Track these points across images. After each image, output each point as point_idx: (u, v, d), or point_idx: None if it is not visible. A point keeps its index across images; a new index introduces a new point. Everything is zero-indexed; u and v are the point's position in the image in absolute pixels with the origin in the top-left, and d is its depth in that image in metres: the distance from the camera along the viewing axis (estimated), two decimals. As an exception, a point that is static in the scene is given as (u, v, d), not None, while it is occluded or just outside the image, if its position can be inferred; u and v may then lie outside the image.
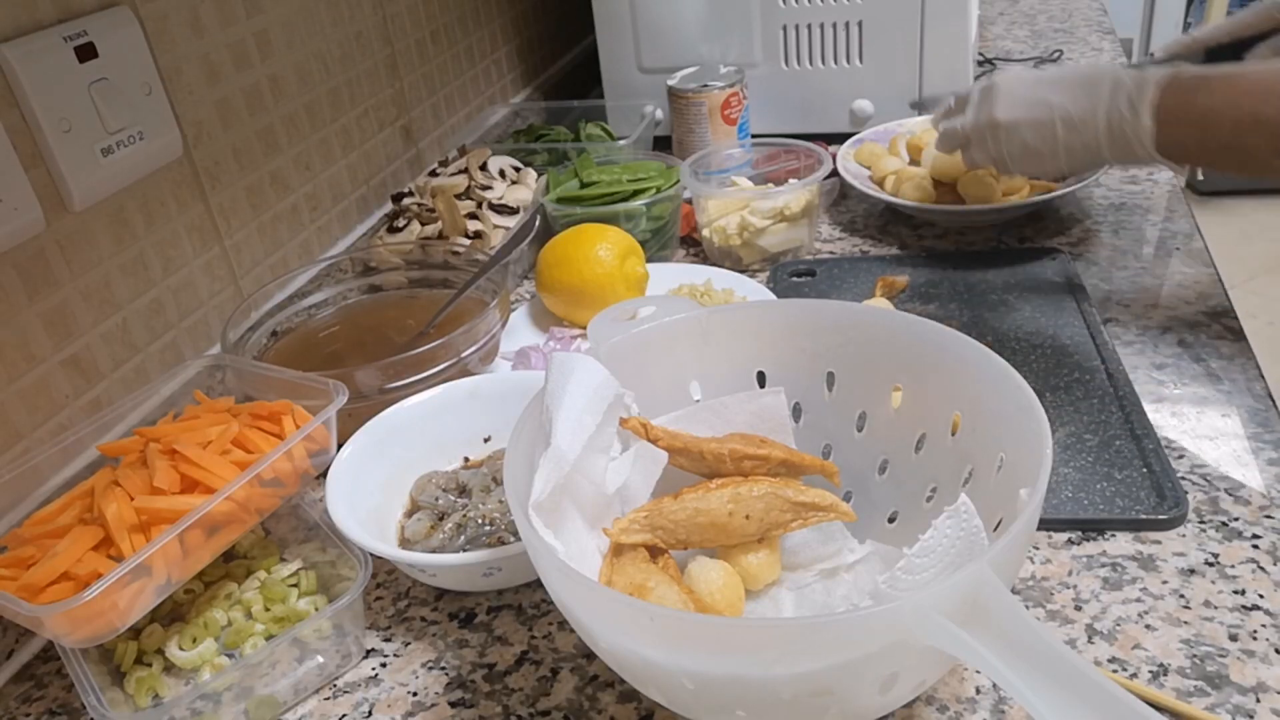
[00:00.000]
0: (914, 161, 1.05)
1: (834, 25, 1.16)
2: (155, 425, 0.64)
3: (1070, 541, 0.61)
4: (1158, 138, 0.72)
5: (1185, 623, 0.55)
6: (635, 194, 0.98)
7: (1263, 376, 0.73)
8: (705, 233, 0.99)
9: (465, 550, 0.62)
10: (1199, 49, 0.85)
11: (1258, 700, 0.50)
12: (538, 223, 0.94)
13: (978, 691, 0.53)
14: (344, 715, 0.57)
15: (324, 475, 0.64)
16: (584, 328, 0.85)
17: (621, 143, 1.12)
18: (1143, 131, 0.72)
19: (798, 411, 0.61)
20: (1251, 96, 0.68)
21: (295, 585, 0.63)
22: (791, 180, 0.98)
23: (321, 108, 0.99)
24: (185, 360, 0.81)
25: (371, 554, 0.59)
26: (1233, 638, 0.54)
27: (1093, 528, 0.61)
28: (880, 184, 1.03)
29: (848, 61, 1.17)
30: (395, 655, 0.61)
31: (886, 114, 1.17)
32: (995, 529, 0.47)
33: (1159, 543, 0.60)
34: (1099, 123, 0.74)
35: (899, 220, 1.04)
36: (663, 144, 1.21)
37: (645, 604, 0.46)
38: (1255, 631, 0.54)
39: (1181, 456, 0.66)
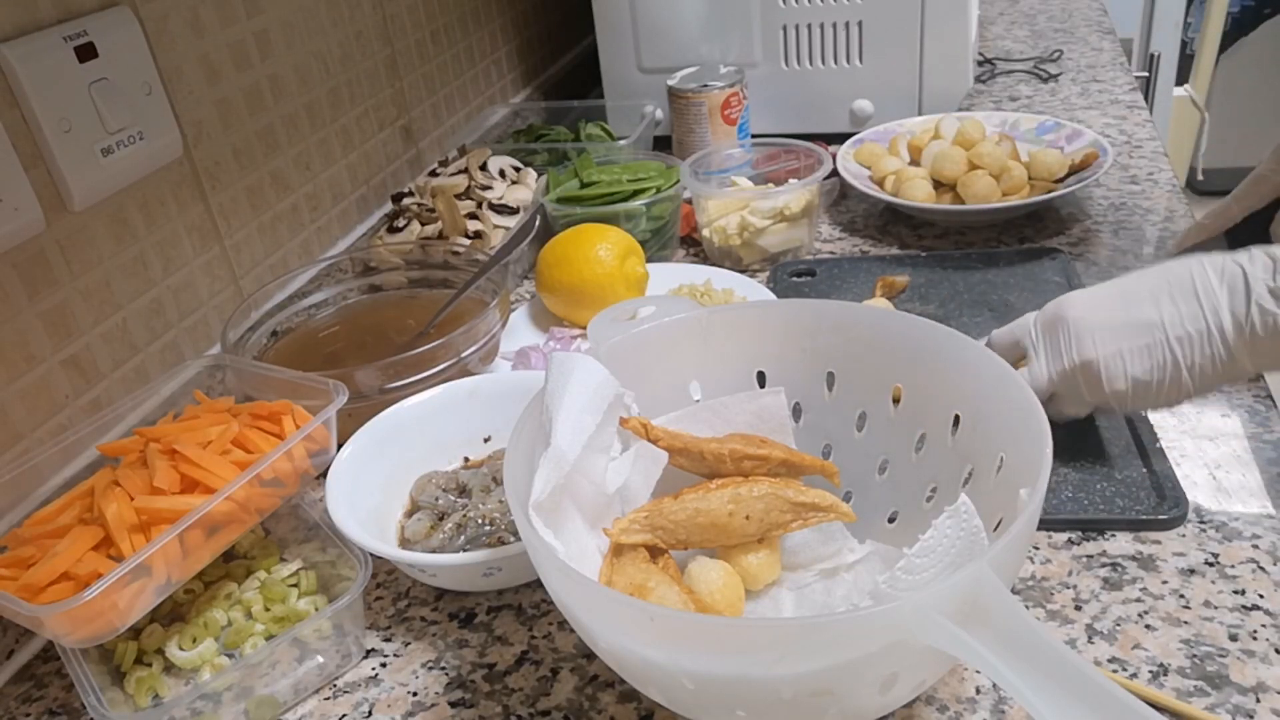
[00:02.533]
0: (914, 161, 1.05)
1: (834, 25, 1.16)
2: (155, 425, 0.64)
3: (1070, 541, 0.61)
4: None
5: (1185, 623, 0.55)
6: (635, 194, 0.98)
7: (1263, 376, 0.73)
8: (705, 233, 0.99)
9: (465, 550, 0.62)
10: (1218, 234, 0.72)
11: (1258, 700, 0.50)
12: (538, 223, 0.94)
13: (978, 691, 0.53)
14: (344, 715, 0.57)
15: (324, 475, 0.64)
16: (584, 328, 0.85)
17: (621, 143, 1.12)
18: None
19: (798, 411, 0.61)
20: None
21: (295, 585, 0.63)
22: (791, 180, 0.98)
23: (321, 108, 0.99)
24: (185, 360, 0.81)
25: (371, 554, 0.59)
26: (1233, 638, 0.54)
27: (1093, 528, 0.61)
28: (880, 184, 1.03)
29: (848, 61, 1.17)
30: (395, 655, 0.61)
31: (886, 114, 1.17)
32: (995, 529, 0.47)
33: (1159, 543, 0.60)
34: (1225, 326, 0.57)
35: (899, 220, 1.04)
36: (663, 144, 1.21)
37: (645, 604, 0.46)
38: (1255, 631, 0.54)
39: (1181, 456, 0.66)
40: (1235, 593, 0.56)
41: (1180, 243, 0.76)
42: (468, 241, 0.95)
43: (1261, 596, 0.56)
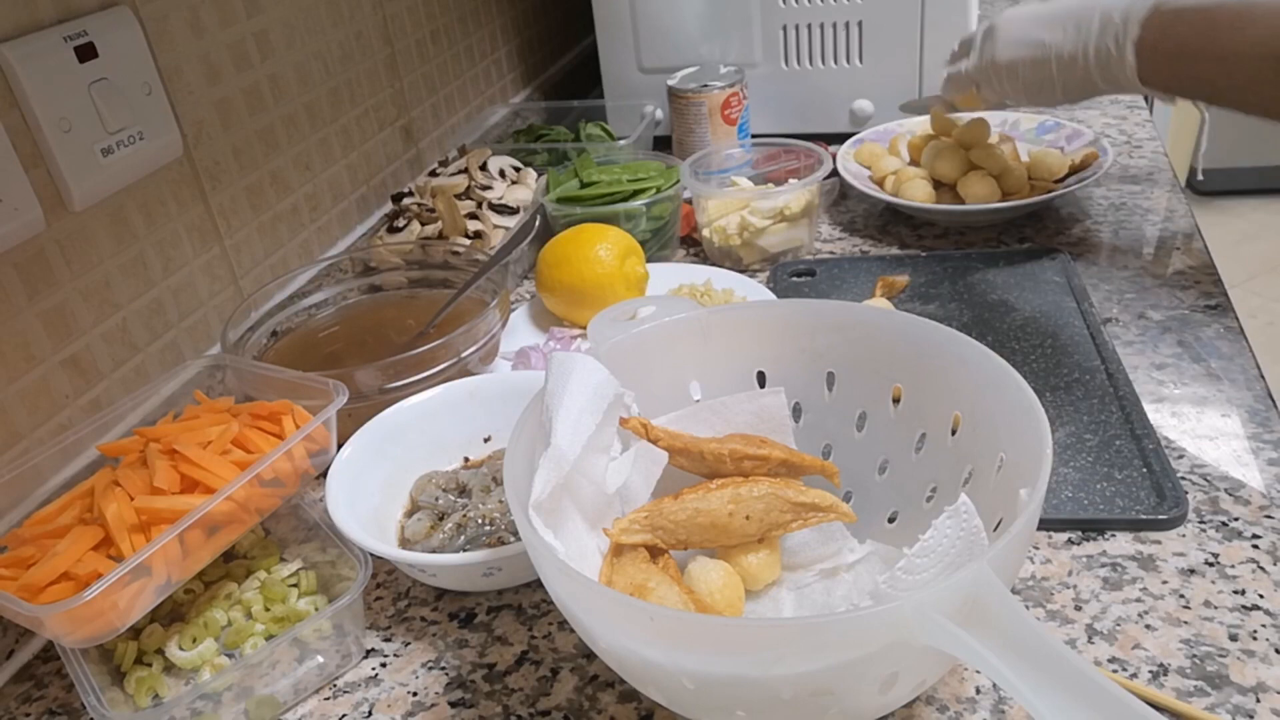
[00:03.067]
0: (914, 161, 1.05)
1: (834, 25, 1.16)
2: (155, 425, 0.64)
3: (1070, 541, 0.61)
4: (1140, 72, 0.76)
5: (1185, 623, 0.55)
6: (635, 194, 0.98)
7: (1263, 377, 0.73)
8: (705, 233, 0.99)
9: (465, 550, 0.62)
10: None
11: (1258, 700, 0.50)
12: (538, 223, 0.94)
13: (978, 691, 0.53)
14: (344, 715, 0.57)
15: (324, 475, 0.64)
16: (584, 328, 0.85)
17: (621, 143, 1.12)
18: (1127, 67, 0.76)
19: (798, 411, 0.61)
20: (1224, 30, 0.70)
21: (295, 585, 0.63)
22: (791, 180, 0.98)
23: (321, 108, 0.99)
24: (185, 360, 0.81)
25: (371, 554, 0.59)
26: (1233, 638, 0.54)
27: (1093, 528, 0.62)
28: (880, 184, 1.03)
29: (848, 61, 1.17)
30: (395, 655, 0.61)
31: (886, 114, 1.17)
32: (995, 529, 0.47)
33: (1159, 543, 0.60)
34: (1090, 59, 0.79)
35: (899, 220, 1.04)
36: (663, 144, 1.21)
37: (645, 604, 0.46)
38: (1255, 631, 0.54)
39: (1181, 456, 0.66)
40: (1235, 593, 0.56)
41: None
42: (468, 241, 0.95)
43: (1261, 596, 0.56)
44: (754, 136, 1.17)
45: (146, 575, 0.54)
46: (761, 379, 0.61)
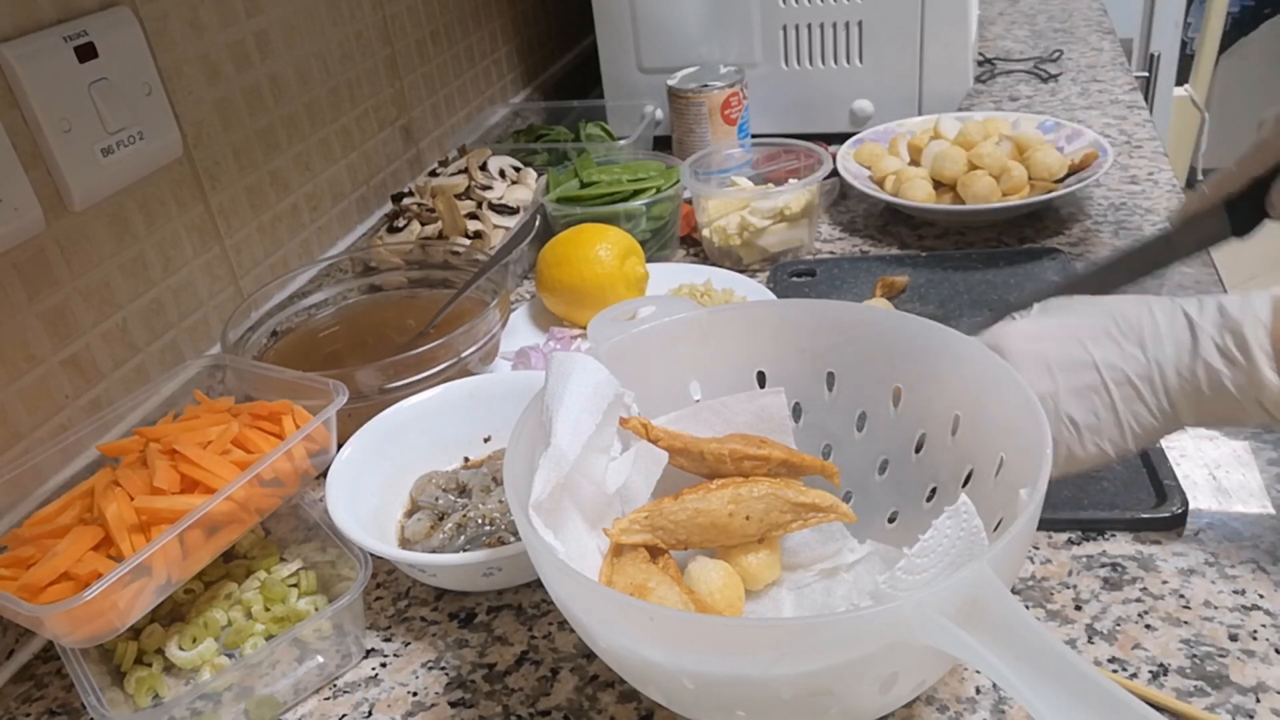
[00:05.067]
0: (914, 161, 1.05)
1: (834, 25, 1.15)
2: (155, 425, 0.64)
3: (1070, 541, 0.61)
4: None
5: (1185, 623, 0.55)
6: (635, 194, 0.98)
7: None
8: (705, 233, 0.99)
9: (465, 550, 0.62)
10: (1218, 202, 0.69)
11: (1258, 700, 0.50)
12: (538, 223, 0.94)
13: (978, 691, 0.53)
14: (344, 715, 0.57)
15: (324, 475, 0.64)
16: (584, 328, 0.85)
17: (621, 143, 1.12)
18: (1262, 387, 0.51)
19: (798, 411, 0.61)
20: None
21: (295, 585, 0.63)
22: (791, 180, 0.98)
23: (321, 108, 0.99)
24: (185, 360, 0.81)
25: (371, 554, 0.59)
26: (1233, 638, 0.54)
27: (1093, 528, 0.61)
28: (880, 184, 1.03)
29: (848, 61, 1.17)
30: (395, 655, 0.61)
31: (886, 114, 1.17)
32: (995, 529, 0.47)
33: (1159, 543, 0.60)
34: (1169, 378, 0.53)
35: (899, 220, 1.04)
36: (663, 144, 1.21)
37: (645, 604, 0.46)
38: (1255, 631, 0.54)
39: (1181, 456, 0.66)
40: (1235, 593, 0.56)
41: (1182, 210, 0.71)
42: (468, 241, 0.95)
43: (1261, 596, 0.56)
44: (754, 136, 1.17)
45: (146, 575, 0.54)
46: (761, 379, 0.61)
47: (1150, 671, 0.52)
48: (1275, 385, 0.50)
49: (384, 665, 0.60)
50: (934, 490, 0.56)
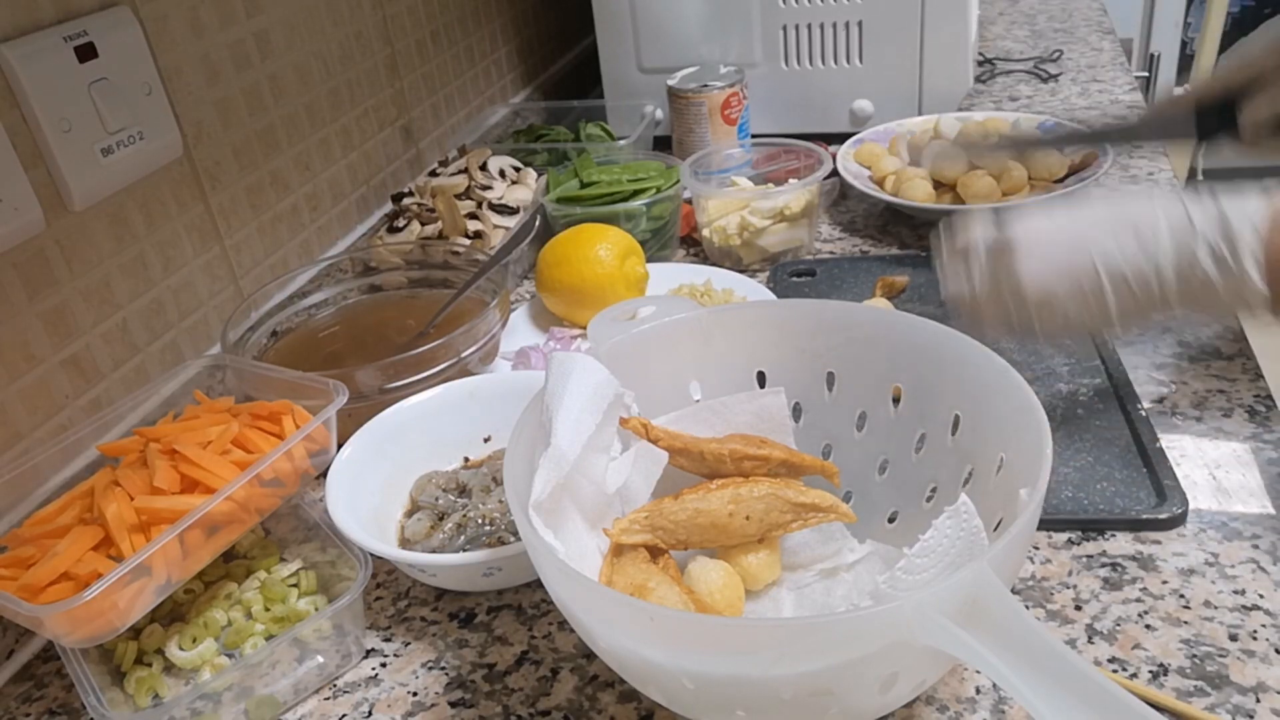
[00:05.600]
0: (914, 161, 1.05)
1: (834, 25, 1.16)
2: (155, 425, 0.64)
3: (1070, 541, 0.61)
4: (1274, 298, 0.55)
5: (1185, 623, 0.55)
6: (635, 194, 0.98)
7: (1263, 376, 0.73)
8: (705, 233, 0.99)
9: (465, 550, 0.62)
10: (1190, 102, 0.71)
11: (1258, 700, 0.50)
12: (538, 223, 0.94)
13: (978, 691, 0.53)
14: (344, 715, 0.57)
15: (324, 475, 0.64)
16: (584, 328, 0.85)
17: (621, 143, 1.12)
18: (1249, 294, 0.55)
19: (798, 411, 0.61)
20: None
21: (295, 585, 0.63)
22: (791, 180, 0.98)
23: (321, 108, 0.99)
24: (185, 360, 0.81)
25: (371, 554, 0.59)
26: (1233, 638, 0.54)
27: (1093, 528, 0.62)
28: (880, 184, 1.03)
29: (848, 61, 1.17)
30: (395, 655, 0.61)
31: (886, 114, 1.17)
32: (995, 529, 0.47)
33: (1159, 543, 0.60)
34: (1167, 278, 0.57)
35: (899, 220, 1.04)
36: (663, 144, 1.21)
37: (645, 604, 0.46)
38: (1255, 631, 0.54)
39: (1181, 456, 0.66)
40: (1235, 593, 0.56)
41: (1155, 108, 0.76)
42: (468, 241, 0.95)
43: (1261, 596, 0.56)
44: (754, 136, 1.17)
45: (146, 575, 0.54)
46: (761, 379, 0.61)
47: (1150, 671, 0.52)
48: (1261, 293, 0.54)
49: (384, 665, 0.60)
50: (934, 490, 0.56)
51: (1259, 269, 0.54)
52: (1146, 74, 2.33)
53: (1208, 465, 0.65)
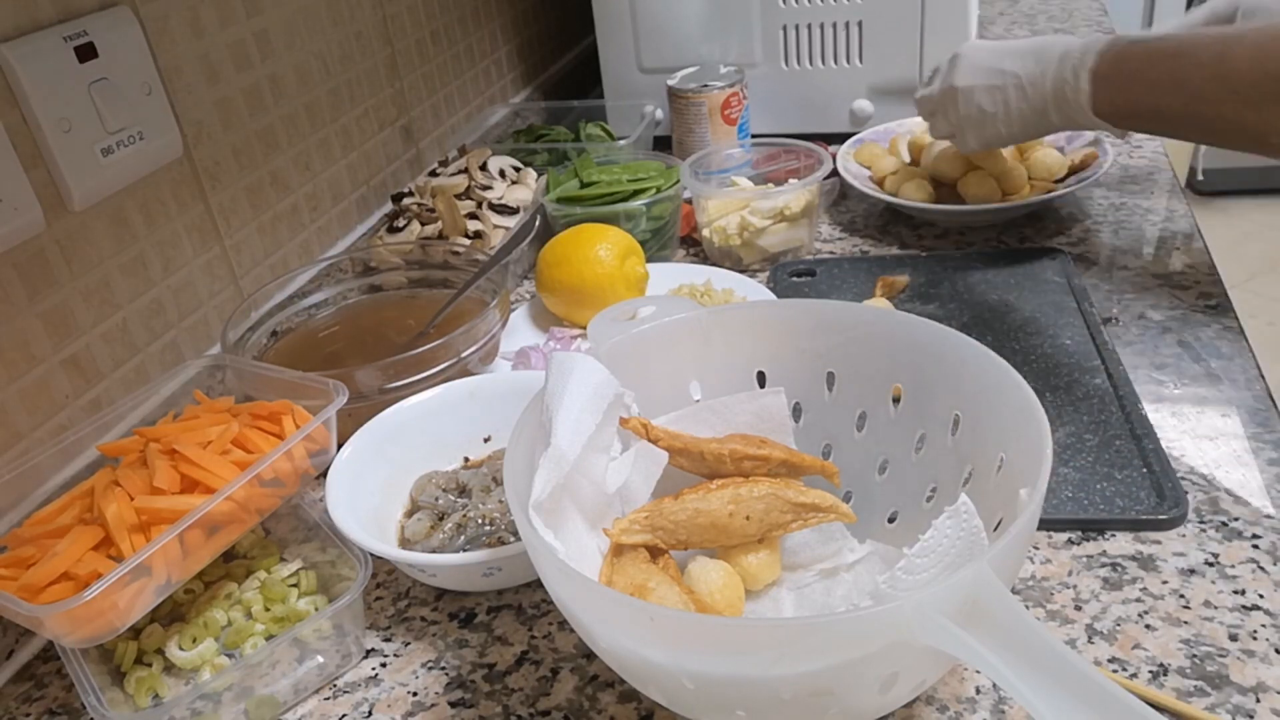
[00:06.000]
0: (914, 161, 1.05)
1: (834, 25, 1.16)
2: (155, 425, 0.64)
3: (1070, 541, 0.61)
4: (1094, 100, 0.76)
5: (1185, 623, 0.55)
6: (635, 194, 0.98)
7: (1263, 377, 0.73)
8: (705, 233, 0.99)
9: (465, 550, 0.62)
10: None
11: (1258, 700, 0.50)
12: (538, 223, 0.94)
13: (978, 691, 0.53)
14: (344, 715, 0.57)
15: (324, 475, 0.64)
16: (584, 328, 0.85)
17: (621, 143, 1.12)
18: (1082, 95, 0.76)
19: (798, 411, 0.61)
20: (1174, 60, 0.71)
21: (295, 585, 0.63)
22: (791, 180, 0.98)
23: (321, 108, 0.99)
24: (185, 360, 0.81)
25: (371, 554, 0.59)
26: (1233, 638, 0.54)
27: (1093, 528, 0.62)
28: (880, 184, 1.03)
29: (848, 61, 1.17)
30: (395, 655, 0.61)
31: (886, 114, 1.17)
32: (995, 529, 0.47)
33: (1159, 543, 0.60)
34: (1046, 87, 0.79)
35: (899, 220, 1.04)
36: (663, 144, 1.21)
37: (645, 604, 0.46)
38: (1255, 631, 0.54)
39: (1181, 456, 0.66)
40: (1235, 593, 0.56)
41: None
42: (468, 241, 0.95)
43: (1261, 596, 0.56)
44: (754, 136, 1.17)
45: (146, 575, 0.54)
46: (761, 379, 0.61)
47: (1150, 671, 0.52)
48: (1085, 91, 0.76)
49: (384, 665, 0.60)
50: (934, 490, 0.56)
51: (1089, 76, 0.76)
52: (1146, 74, 2.33)
53: (1208, 465, 0.65)
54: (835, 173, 1.04)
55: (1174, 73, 0.71)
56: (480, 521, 0.64)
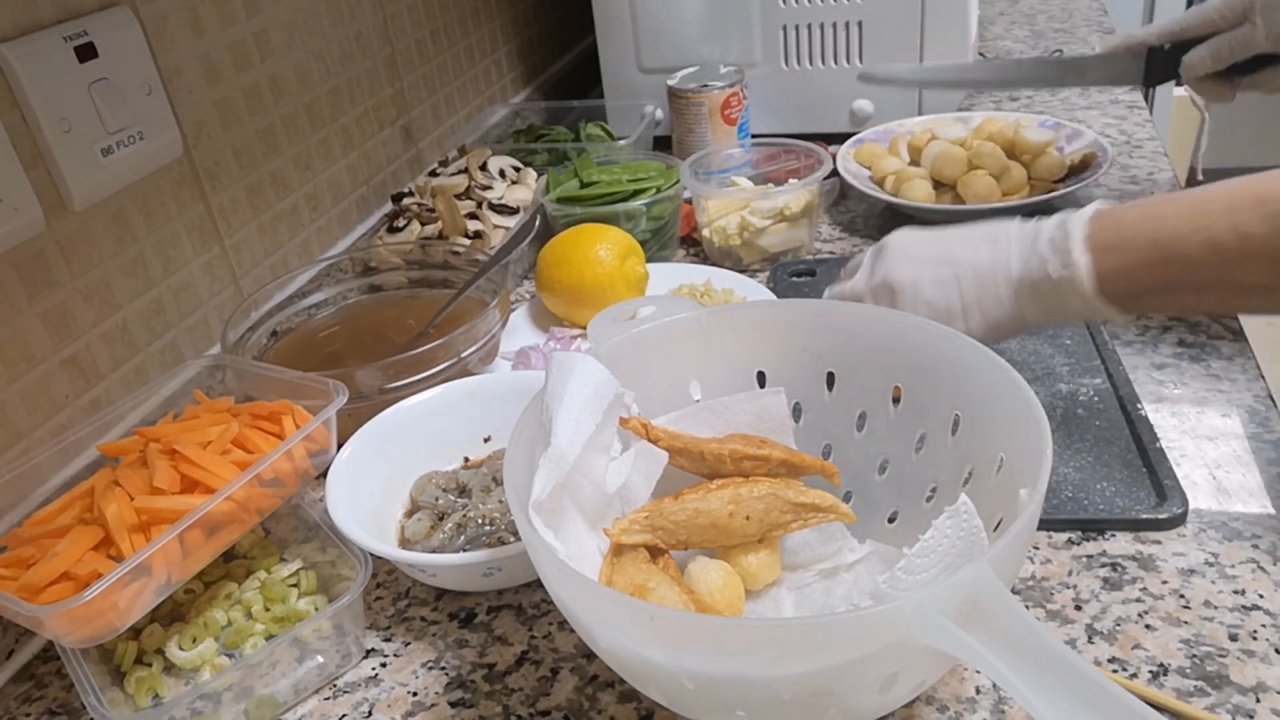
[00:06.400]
0: (914, 161, 1.05)
1: (834, 25, 1.16)
2: (155, 425, 0.64)
3: (1070, 541, 0.61)
4: (1099, 277, 0.58)
5: (1185, 623, 0.55)
6: (635, 194, 0.98)
7: (1263, 376, 0.73)
8: (705, 233, 0.99)
9: (465, 550, 0.62)
10: (1139, 47, 0.83)
11: (1258, 700, 0.50)
12: (538, 223, 0.94)
13: (978, 691, 0.53)
14: (344, 715, 0.57)
15: (324, 475, 0.64)
16: (584, 328, 0.85)
17: (621, 143, 1.12)
18: (1078, 274, 0.59)
19: (798, 411, 0.61)
20: (1221, 204, 0.55)
21: (295, 585, 0.63)
22: (791, 180, 0.98)
23: (321, 108, 0.99)
24: (185, 360, 0.81)
25: (371, 554, 0.59)
26: (1233, 638, 0.54)
27: (1093, 528, 0.61)
28: (880, 184, 1.03)
29: (848, 61, 1.17)
30: (395, 655, 0.61)
31: (886, 114, 1.17)
32: (995, 529, 0.47)
33: (1159, 543, 0.60)
34: (1012, 273, 0.62)
35: (899, 220, 1.04)
36: (663, 144, 1.21)
37: (645, 604, 0.46)
38: (1255, 631, 0.54)
39: (1181, 456, 0.66)
40: (1235, 593, 0.56)
41: (1108, 43, 0.84)
42: (468, 241, 0.95)
43: (1261, 596, 0.56)
44: (754, 136, 1.17)
45: (146, 575, 0.54)
46: (761, 379, 0.61)
47: (1150, 671, 0.52)
48: (1083, 265, 0.59)
49: (384, 665, 0.60)
50: (934, 490, 0.56)
51: (1082, 244, 0.59)
52: (1146, 74, 2.33)
53: (1208, 465, 0.65)
54: (835, 173, 1.04)
55: (1194, 218, 0.56)
56: (480, 521, 0.64)
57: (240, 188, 0.88)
